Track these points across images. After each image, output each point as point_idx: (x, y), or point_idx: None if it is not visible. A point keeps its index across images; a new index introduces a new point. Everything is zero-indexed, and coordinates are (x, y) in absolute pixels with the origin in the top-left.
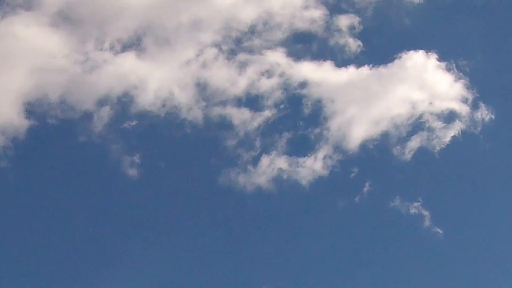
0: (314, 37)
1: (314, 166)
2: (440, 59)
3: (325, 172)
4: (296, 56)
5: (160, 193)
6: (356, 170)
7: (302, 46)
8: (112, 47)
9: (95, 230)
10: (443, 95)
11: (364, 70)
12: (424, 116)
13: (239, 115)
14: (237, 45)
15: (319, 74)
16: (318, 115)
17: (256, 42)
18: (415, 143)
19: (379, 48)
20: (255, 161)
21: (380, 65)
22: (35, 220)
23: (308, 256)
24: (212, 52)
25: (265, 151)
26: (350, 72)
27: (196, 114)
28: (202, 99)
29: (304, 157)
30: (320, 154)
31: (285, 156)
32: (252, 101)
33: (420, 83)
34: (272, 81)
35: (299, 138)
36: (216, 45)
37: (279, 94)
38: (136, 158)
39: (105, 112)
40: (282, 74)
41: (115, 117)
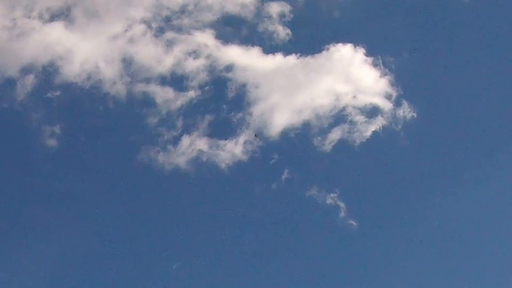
0: (243, 21)
1: (234, 150)
2: (368, 54)
3: (244, 157)
4: (225, 39)
5: (78, 165)
6: (275, 157)
7: (231, 30)
8: (40, 16)
9: (7, 195)
10: (368, 89)
11: (291, 58)
12: (347, 109)
13: (162, 94)
14: (166, 23)
15: (246, 59)
16: (241, 100)
17: (185, 22)
18: (336, 135)
19: (308, 38)
20: (176, 141)
21: (308, 55)
22: None
23: (220, 238)
24: (140, 28)
25: (186, 131)
26: (277, 60)
27: (120, 89)
28: (127, 75)
29: (225, 140)
30: (241, 139)
31: (206, 138)
32: (176, 80)
33: (345, 76)
34: (199, 62)
35: (221, 121)
36: (145, 21)
37: (204, 76)
38: (57, 129)
39: (29, 80)
40: (209, 56)
41: (39, 86)
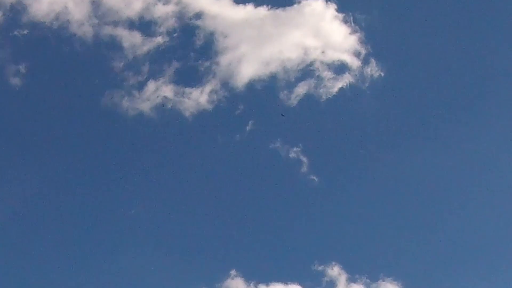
0: None
1: (199, 99)
2: (339, 10)
3: (209, 106)
4: None
5: (41, 106)
6: (241, 108)
7: None
8: None
9: None
10: (337, 46)
11: (262, 10)
12: (314, 64)
13: (130, 38)
14: None
15: (216, 8)
16: (209, 49)
17: None
18: (302, 89)
19: None
20: (141, 86)
21: (279, 7)
22: None
23: (181, 185)
24: None
25: (152, 77)
26: (248, 10)
27: (87, 31)
28: (95, 17)
29: (190, 88)
30: (207, 88)
31: (171, 85)
32: (145, 25)
33: (315, 31)
34: (168, 8)
35: (188, 69)
36: None
37: (173, 22)
38: (22, 68)
39: None
40: (178, 2)
41: (6, 23)
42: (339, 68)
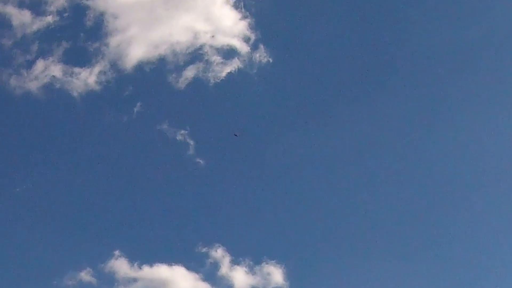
0: None
1: (88, 79)
2: None
3: (98, 87)
4: None
5: None
6: (129, 90)
7: None
8: None
9: None
10: (227, 31)
11: None
12: (204, 48)
13: (19, 16)
14: None
15: None
16: (99, 29)
17: None
18: (191, 73)
19: None
20: (29, 65)
21: None
22: None
23: (67, 165)
24: None
25: (41, 56)
26: None
27: None
28: None
29: (79, 68)
30: (96, 69)
31: (60, 64)
32: (35, 4)
33: (206, 15)
34: None
35: (78, 49)
36: None
37: (63, 2)
38: None
39: None
40: None
41: None
42: (228, 53)
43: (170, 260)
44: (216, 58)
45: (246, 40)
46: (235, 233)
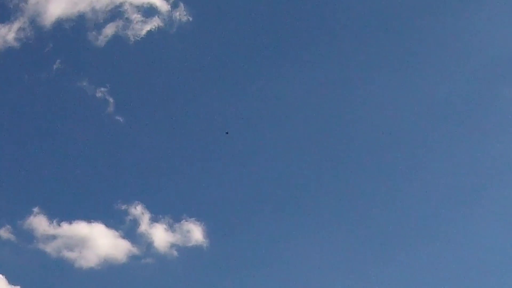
0: None
1: (7, 36)
2: None
3: (17, 44)
4: None
5: None
6: (49, 46)
7: None
8: None
9: None
10: None
11: None
12: (124, 5)
13: None
14: None
15: None
16: None
17: None
18: (110, 30)
19: None
20: None
21: None
22: None
23: None
24: None
25: None
26: None
27: None
28: None
29: None
30: (15, 26)
31: None
32: None
33: None
34: None
35: None
36: None
37: None
38: None
39: None
40: None
41: None
42: (148, 11)
43: (89, 217)
44: (136, 16)
45: None
46: (155, 190)
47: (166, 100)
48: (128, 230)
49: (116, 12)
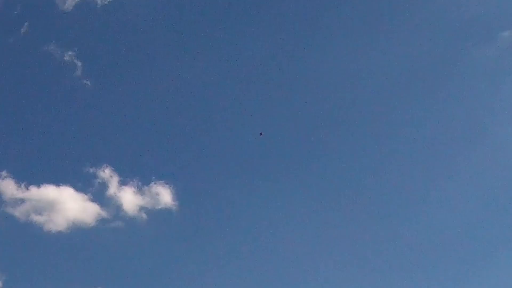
0: None
1: None
2: None
3: None
4: None
5: None
6: (17, 10)
7: None
8: None
9: None
10: None
11: None
12: None
13: None
14: None
15: None
16: None
17: None
18: None
19: None
20: None
21: None
22: None
23: None
24: None
25: None
26: None
27: None
28: None
29: None
30: None
31: None
32: None
33: None
34: None
35: None
36: None
37: None
38: None
39: None
40: None
41: None
42: None
43: (57, 181)
44: None
45: None
46: (123, 153)
47: (134, 63)
48: (97, 193)
49: None
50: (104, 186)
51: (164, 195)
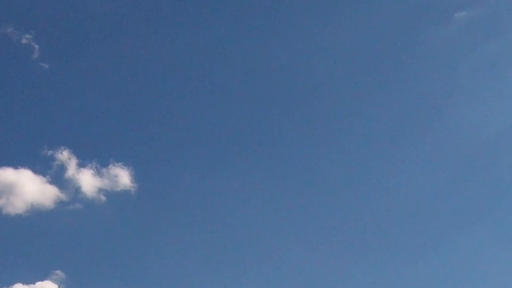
0: None
1: None
2: None
3: None
4: None
5: None
6: None
7: None
8: None
9: None
10: None
11: None
12: None
13: None
14: None
15: None
16: None
17: None
18: None
19: None
20: None
21: None
22: None
23: None
24: None
25: None
26: None
27: None
28: None
29: None
30: None
31: None
32: None
33: None
34: None
35: None
36: None
37: None
38: None
39: None
40: None
41: None
42: None
43: (15, 164)
44: None
45: None
46: (81, 135)
47: (91, 46)
48: (55, 175)
49: None
50: (62, 168)
51: (123, 177)
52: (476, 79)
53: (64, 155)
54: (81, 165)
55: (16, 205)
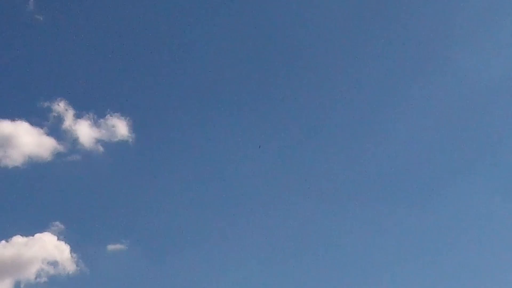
0: None
1: None
2: None
3: None
4: None
5: None
6: None
7: None
8: None
9: None
10: None
11: None
12: None
13: None
14: None
15: None
16: None
17: None
18: None
19: None
20: None
21: None
22: None
23: None
24: None
25: None
26: None
27: None
28: None
29: None
30: None
31: None
32: None
33: None
34: None
35: None
36: None
37: None
38: None
39: None
40: None
41: None
42: None
43: (12, 116)
44: None
45: None
46: (77, 85)
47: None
48: (52, 127)
49: None
50: (59, 119)
51: (120, 128)
52: (475, 25)
53: (60, 106)
54: (78, 116)
55: (14, 157)
